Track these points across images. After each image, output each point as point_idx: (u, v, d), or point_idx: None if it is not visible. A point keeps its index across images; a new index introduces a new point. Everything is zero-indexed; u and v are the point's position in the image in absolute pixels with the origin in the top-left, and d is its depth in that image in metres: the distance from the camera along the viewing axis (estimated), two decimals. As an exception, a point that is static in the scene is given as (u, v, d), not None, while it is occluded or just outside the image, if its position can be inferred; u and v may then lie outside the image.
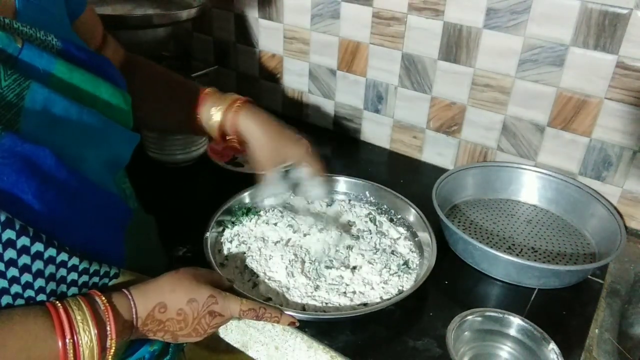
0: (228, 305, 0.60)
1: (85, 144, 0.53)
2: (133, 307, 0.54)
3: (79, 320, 0.49)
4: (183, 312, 0.57)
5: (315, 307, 0.67)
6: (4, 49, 0.47)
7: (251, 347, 0.70)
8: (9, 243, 0.45)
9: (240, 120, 0.73)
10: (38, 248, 0.47)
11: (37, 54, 0.49)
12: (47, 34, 0.52)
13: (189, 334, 0.58)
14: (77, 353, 0.48)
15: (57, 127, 0.49)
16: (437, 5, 0.93)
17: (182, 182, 0.97)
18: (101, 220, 0.56)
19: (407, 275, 0.73)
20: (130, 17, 0.99)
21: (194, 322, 0.58)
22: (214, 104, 0.74)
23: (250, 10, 1.19)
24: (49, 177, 0.48)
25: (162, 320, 0.56)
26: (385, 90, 1.07)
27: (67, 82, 0.51)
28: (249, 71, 1.27)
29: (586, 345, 0.66)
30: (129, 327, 0.54)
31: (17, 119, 0.46)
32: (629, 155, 0.85)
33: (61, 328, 0.48)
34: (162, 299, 0.56)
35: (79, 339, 0.48)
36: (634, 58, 0.80)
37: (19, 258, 0.46)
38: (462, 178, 0.93)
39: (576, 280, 0.76)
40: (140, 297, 0.55)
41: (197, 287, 0.59)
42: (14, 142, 0.45)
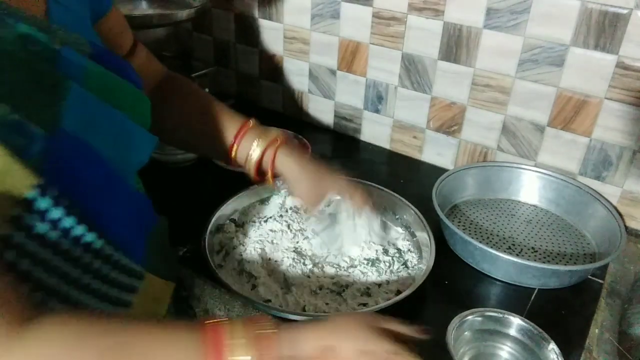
0: None
1: (114, 145, 0.53)
2: (300, 343, 0.49)
3: (230, 340, 0.45)
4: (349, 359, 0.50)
5: (316, 308, 0.67)
6: (45, 49, 0.47)
7: (251, 347, 0.70)
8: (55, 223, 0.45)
9: (279, 160, 0.72)
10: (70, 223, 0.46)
11: (73, 56, 0.50)
12: (78, 36, 0.52)
13: None
14: None
15: (92, 127, 0.50)
16: (437, 5, 0.93)
17: (182, 182, 0.97)
18: (131, 221, 0.56)
19: (407, 275, 0.73)
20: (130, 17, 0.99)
21: None
22: (254, 140, 0.73)
23: (250, 10, 1.19)
24: (93, 173, 0.49)
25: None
26: (385, 90, 1.07)
27: (99, 84, 0.52)
28: (249, 71, 1.27)
29: (586, 345, 0.66)
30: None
31: (60, 117, 0.46)
32: (629, 155, 0.85)
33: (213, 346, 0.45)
34: (334, 343, 0.50)
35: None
36: (634, 58, 0.80)
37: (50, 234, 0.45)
38: (462, 178, 0.93)
39: (576, 280, 0.76)
40: (309, 333, 0.50)
41: (376, 340, 0.51)
42: (65, 136, 0.45)
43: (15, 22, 0.46)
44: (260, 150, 0.72)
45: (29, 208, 0.43)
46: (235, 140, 0.73)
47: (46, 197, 0.43)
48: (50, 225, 0.44)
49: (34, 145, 0.42)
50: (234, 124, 0.74)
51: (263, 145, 0.72)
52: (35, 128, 0.43)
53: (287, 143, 0.74)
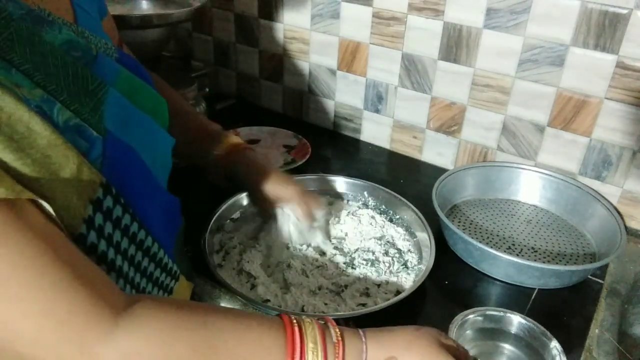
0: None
1: (145, 148, 0.53)
2: (364, 353, 0.49)
3: (310, 347, 0.46)
4: None
5: (314, 308, 0.67)
6: (85, 55, 0.48)
7: (251, 347, 0.70)
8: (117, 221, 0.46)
9: (232, 166, 0.75)
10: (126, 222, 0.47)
11: (107, 61, 0.51)
12: (106, 42, 0.53)
13: None
14: None
15: (127, 129, 0.50)
16: (437, 5, 0.93)
17: (182, 182, 0.97)
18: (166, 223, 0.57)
19: (406, 275, 0.73)
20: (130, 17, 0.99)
21: None
22: (213, 144, 0.76)
23: (250, 10, 1.19)
24: (138, 172, 0.50)
25: None
26: (385, 90, 1.07)
27: (129, 88, 0.53)
28: (249, 71, 1.27)
29: (586, 345, 0.66)
30: None
31: (101, 121, 0.46)
32: (629, 155, 0.85)
33: (292, 348, 0.45)
34: (395, 353, 0.50)
35: None
36: (634, 58, 0.80)
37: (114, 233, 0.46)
38: (462, 178, 0.93)
39: (576, 280, 0.76)
40: (373, 343, 0.50)
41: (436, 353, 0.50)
42: (113, 139, 0.46)
43: (60, 28, 0.47)
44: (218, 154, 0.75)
45: (100, 207, 0.43)
46: (195, 140, 0.76)
47: (108, 196, 0.44)
48: (113, 224, 0.45)
49: (94, 148, 0.44)
50: (197, 123, 0.77)
51: (220, 150, 0.75)
52: (93, 132, 0.44)
53: (247, 150, 0.77)
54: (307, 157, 1.02)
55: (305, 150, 1.05)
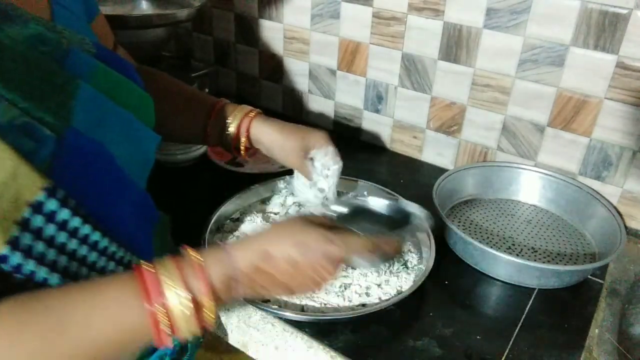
0: (348, 246, 0.54)
1: (122, 143, 0.53)
2: (231, 260, 0.50)
3: (165, 279, 0.46)
4: (293, 259, 0.51)
5: (314, 308, 0.67)
6: (55, 49, 0.48)
7: (251, 347, 0.70)
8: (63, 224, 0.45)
9: (254, 130, 0.74)
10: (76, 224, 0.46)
11: (80, 56, 0.50)
12: (83, 37, 0.53)
13: (304, 284, 0.53)
14: (170, 317, 0.45)
15: (100, 125, 0.50)
16: (437, 5, 0.93)
17: (182, 182, 0.97)
18: (136, 218, 0.56)
19: (407, 275, 0.73)
20: (130, 17, 0.99)
21: (308, 271, 0.52)
22: (228, 116, 0.75)
23: (250, 10, 1.19)
24: (105, 170, 0.49)
25: (272, 274, 0.51)
26: (385, 90, 1.07)
27: (106, 83, 0.52)
28: (249, 71, 1.27)
29: (586, 345, 0.66)
30: (229, 282, 0.49)
31: (70, 116, 0.46)
32: (629, 155, 0.85)
33: (147, 290, 0.45)
34: (266, 247, 0.51)
35: (168, 303, 0.45)
36: (634, 58, 0.80)
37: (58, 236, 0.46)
38: (462, 178, 0.93)
39: (576, 280, 0.76)
40: (240, 249, 0.51)
41: (306, 230, 0.52)
42: (76, 136, 0.46)
43: (26, 23, 0.46)
44: (236, 124, 0.74)
45: (39, 210, 0.43)
46: (210, 118, 0.75)
47: (53, 199, 0.44)
48: (58, 226, 0.45)
49: (43, 148, 0.43)
50: (206, 104, 0.76)
51: (238, 119, 0.74)
52: (45, 131, 0.43)
53: (261, 114, 0.76)
54: (307, 157, 1.02)
55: (305, 150, 1.05)
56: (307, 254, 0.51)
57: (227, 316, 0.71)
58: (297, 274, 0.51)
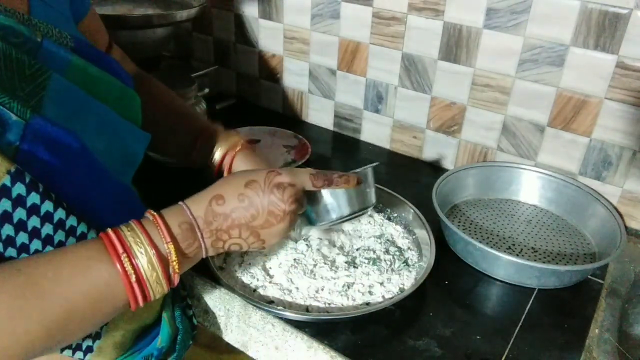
0: (294, 173, 0.56)
1: (99, 137, 0.53)
2: (186, 208, 0.52)
3: (128, 235, 0.48)
4: (245, 195, 0.53)
5: (319, 308, 0.67)
6: (26, 41, 0.48)
7: (251, 347, 0.70)
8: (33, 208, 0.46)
9: (236, 164, 0.74)
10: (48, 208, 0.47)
11: (55, 48, 0.51)
12: (61, 31, 0.54)
13: (267, 221, 0.54)
14: (137, 268, 0.47)
15: (75, 117, 0.50)
16: (437, 5, 0.93)
17: (182, 182, 0.97)
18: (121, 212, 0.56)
19: (408, 273, 0.73)
20: (130, 17, 0.99)
21: (264, 203, 0.53)
22: (215, 144, 0.74)
23: (250, 10, 1.19)
24: (75, 160, 0.49)
25: (227, 213, 0.53)
26: (385, 90, 1.07)
27: (83, 76, 0.53)
28: (249, 71, 1.27)
29: (586, 345, 0.66)
30: (190, 230, 0.52)
31: (41, 105, 0.47)
32: (629, 155, 0.85)
33: (113, 248, 0.47)
34: (217, 192, 0.53)
35: (133, 253, 0.47)
36: (634, 58, 0.80)
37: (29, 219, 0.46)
38: (462, 178, 0.93)
39: (576, 280, 0.76)
40: (192, 199, 0.54)
41: (251, 171, 0.55)
42: (45, 123, 0.46)
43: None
44: (220, 155, 0.74)
45: (6, 194, 0.44)
46: (197, 142, 0.75)
47: (20, 183, 0.44)
48: (28, 210, 0.45)
49: (9, 132, 0.44)
50: (197, 126, 0.76)
51: (223, 150, 0.74)
52: (11, 116, 0.44)
53: (248, 148, 0.76)
54: (307, 157, 1.02)
55: (305, 150, 1.05)
56: (256, 187, 0.53)
57: (227, 316, 0.71)
58: (255, 211, 0.53)
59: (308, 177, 0.57)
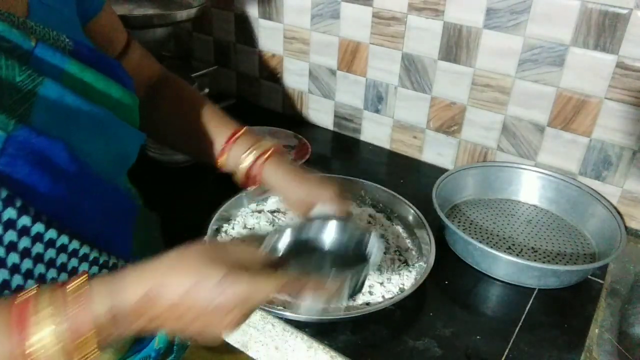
0: (255, 286, 0.45)
1: (94, 141, 0.53)
2: (117, 292, 0.43)
3: (36, 315, 0.41)
4: (188, 295, 0.44)
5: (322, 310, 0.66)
6: (18, 46, 0.47)
7: (251, 347, 0.70)
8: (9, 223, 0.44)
9: (267, 170, 0.70)
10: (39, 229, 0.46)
11: (50, 52, 0.50)
12: (59, 34, 0.53)
13: (203, 325, 0.45)
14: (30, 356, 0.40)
15: (68, 123, 0.50)
16: (437, 5, 0.93)
17: (182, 182, 0.97)
18: (111, 216, 0.56)
19: (408, 273, 0.73)
20: (130, 17, 0.99)
21: (205, 314, 0.44)
22: (245, 148, 0.71)
23: (250, 10, 1.19)
24: (61, 171, 0.48)
25: (161, 310, 0.44)
26: (385, 90, 1.07)
27: (78, 81, 0.52)
28: (249, 71, 1.27)
29: (586, 345, 0.66)
30: (114, 319, 0.43)
31: (29, 113, 0.46)
32: (629, 155, 0.85)
33: (20, 324, 0.40)
34: (160, 279, 0.44)
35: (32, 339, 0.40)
36: (634, 58, 0.80)
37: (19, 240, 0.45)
38: (462, 178, 0.93)
39: (576, 280, 0.76)
40: (131, 277, 0.45)
41: (209, 264, 0.45)
42: (29, 134, 0.45)
43: None
44: (252, 159, 0.70)
45: None
46: (227, 145, 0.71)
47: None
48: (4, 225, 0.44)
49: None
50: (226, 128, 0.73)
51: (256, 154, 0.70)
52: None
53: (280, 153, 0.72)
54: (307, 157, 1.02)
55: (305, 150, 1.05)
56: (204, 292, 0.44)
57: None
58: (192, 315, 0.44)
59: (272, 290, 0.47)
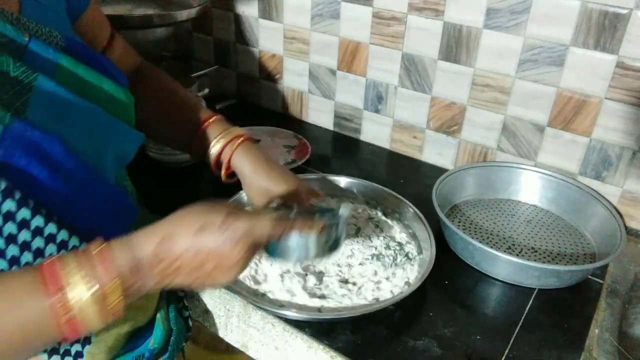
0: (253, 222, 0.51)
1: (88, 138, 0.53)
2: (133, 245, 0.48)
3: (66, 272, 0.44)
4: (197, 238, 0.49)
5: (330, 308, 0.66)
6: (12, 40, 0.48)
7: (251, 347, 0.70)
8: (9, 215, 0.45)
9: (235, 157, 0.72)
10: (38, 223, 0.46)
11: (43, 48, 0.50)
12: (51, 30, 0.53)
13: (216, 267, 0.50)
14: (70, 304, 0.43)
15: (62, 119, 0.50)
16: (437, 5, 0.93)
17: (182, 182, 0.97)
18: (108, 213, 0.56)
19: (410, 266, 0.73)
20: (130, 17, 0.99)
21: (215, 250, 0.49)
22: (216, 135, 0.72)
23: (250, 10, 1.19)
24: (57, 165, 0.48)
25: (176, 256, 0.48)
26: (385, 90, 1.07)
27: (72, 77, 0.52)
28: (249, 71, 1.27)
29: (586, 345, 0.66)
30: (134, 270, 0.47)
31: (25, 108, 0.46)
32: (629, 155, 0.85)
33: (50, 282, 0.44)
34: (169, 229, 0.49)
35: (69, 290, 0.44)
36: (634, 58, 0.80)
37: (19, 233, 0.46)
38: (462, 178, 0.93)
39: (576, 280, 0.76)
40: (143, 233, 0.49)
41: (209, 211, 0.50)
42: (25, 128, 0.46)
43: None
44: (220, 146, 0.72)
45: None
46: (198, 132, 0.73)
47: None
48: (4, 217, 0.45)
49: None
50: (198, 115, 0.74)
51: (224, 141, 0.72)
52: None
53: (251, 141, 0.73)
54: (307, 157, 1.03)
55: (305, 150, 1.05)
56: (211, 231, 0.49)
57: (227, 316, 0.71)
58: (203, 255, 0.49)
59: (268, 225, 0.52)
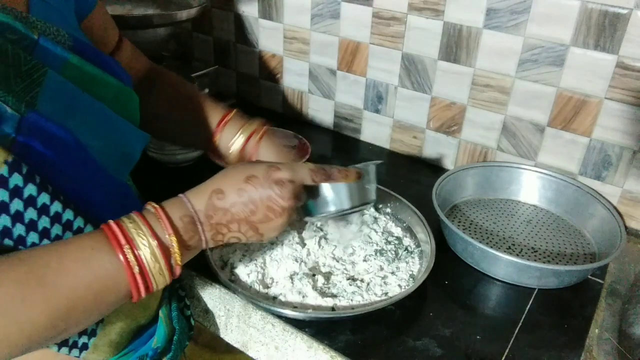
0: (293, 169, 0.57)
1: (95, 134, 0.54)
2: (187, 201, 0.53)
3: (130, 226, 0.49)
4: (244, 190, 0.54)
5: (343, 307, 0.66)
6: (24, 36, 0.48)
7: (251, 347, 0.70)
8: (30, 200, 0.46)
9: (261, 150, 0.72)
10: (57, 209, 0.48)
11: (51, 46, 0.51)
12: (59, 29, 0.54)
13: (265, 215, 0.55)
14: (139, 259, 0.48)
15: (70, 114, 0.51)
16: (437, 5, 0.93)
17: (182, 182, 0.97)
18: (116, 208, 0.56)
19: (412, 259, 0.74)
20: (130, 17, 0.99)
21: (263, 198, 0.55)
22: (236, 130, 0.72)
23: (250, 10, 1.19)
24: (71, 154, 0.50)
25: (226, 208, 0.54)
26: (385, 90, 1.07)
27: (79, 74, 0.53)
28: (249, 71, 1.27)
29: (586, 345, 0.66)
30: (191, 223, 0.53)
31: (35, 102, 0.47)
32: (629, 155, 0.85)
33: (116, 239, 0.48)
34: (217, 186, 0.55)
35: (136, 245, 0.48)
36: (634, 58, 0.80)
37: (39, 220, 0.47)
38: (462, 178, 0.93)
39: (576, 280, 0.76)
40: (192, 192, 0.55)
41: (252, 165, 0.56)
42: (39, 118, 0.47)
43: None
44: (244, 139, 0.72)
45: (4, 184, 0.44)
46: (218, 128, 0.73)
47: (17, 174, 0.44)
48: (25, 202, 0.45)
49: (5, 125, 0.44)
50: (216, 112, 0.74)
51: (247, 134, 0.72)
52: (7, 109, 0.44)
53: (272, 132, 0.74)
54: (307, 157, 1.02)
55: (305, 150, 1.05)
56: (256, 182, 0.54)
57: (227, 316, 0.71)
58: (254, 206, 0.54)
59: (308, 172, 0.58)
